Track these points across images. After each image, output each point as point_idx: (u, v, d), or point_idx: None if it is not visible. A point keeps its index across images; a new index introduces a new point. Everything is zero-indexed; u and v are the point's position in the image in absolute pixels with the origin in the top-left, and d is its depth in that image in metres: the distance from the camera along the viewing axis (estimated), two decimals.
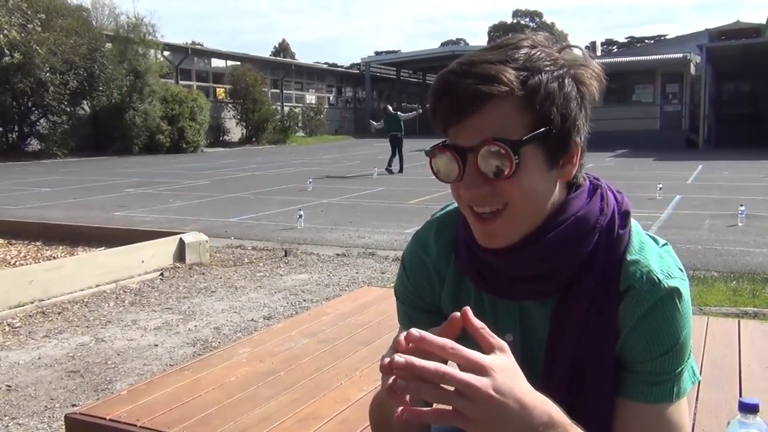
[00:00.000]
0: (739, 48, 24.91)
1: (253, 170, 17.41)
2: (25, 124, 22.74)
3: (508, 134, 0.86)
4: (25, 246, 6.69)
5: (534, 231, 0.93)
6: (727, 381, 1.91)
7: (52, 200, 11.36)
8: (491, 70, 0.86)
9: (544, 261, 0.94)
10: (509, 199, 0.89)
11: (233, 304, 4.95)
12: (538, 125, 0.87)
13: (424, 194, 11.13)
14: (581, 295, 0.94)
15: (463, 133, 0.88)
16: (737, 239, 7.13)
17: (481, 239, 0.94)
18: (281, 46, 71.42)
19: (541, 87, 0.86)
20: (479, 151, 0.86)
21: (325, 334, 2.41)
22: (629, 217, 0.98)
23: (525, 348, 1.02)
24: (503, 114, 0.86)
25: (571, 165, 0.93)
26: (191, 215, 9.56)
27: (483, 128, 0.86)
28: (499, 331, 1.03)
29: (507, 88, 0.85)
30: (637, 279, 0.92)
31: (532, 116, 0.87)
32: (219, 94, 32.59)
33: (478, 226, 0.92)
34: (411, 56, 44.00)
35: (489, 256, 0.97)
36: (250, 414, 1.74)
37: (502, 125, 0.86)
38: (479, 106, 0.86)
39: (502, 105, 0.86)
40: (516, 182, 0.87)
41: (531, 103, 0.86)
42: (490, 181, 0.87)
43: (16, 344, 4.09)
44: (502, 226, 0.91)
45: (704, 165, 17.10)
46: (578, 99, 0.90)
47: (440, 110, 0.89)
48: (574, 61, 0.91)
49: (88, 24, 23.02)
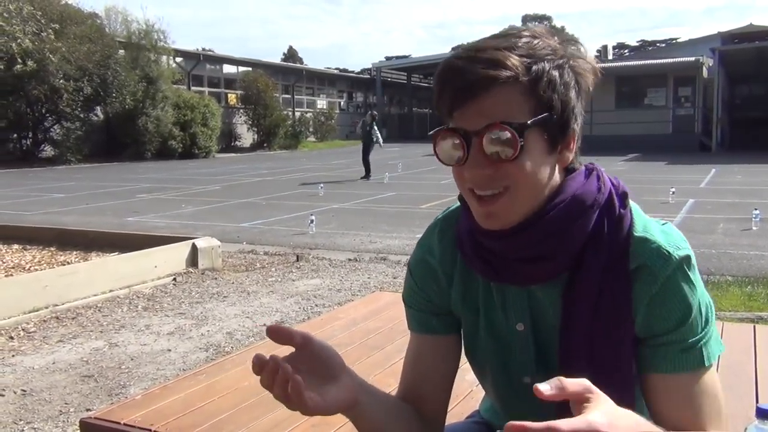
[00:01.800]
0: (752, 51, 24.75)
1: (264, 175, 17.47)
2: (39, 130, 22.96)
3: (512, 118, 0.88)
4: (40, 251, 6.75)
5: (534, 213, 0.94)
6: (743, 387, 1.89)
7: (66, 206, 11.46)
8: (498, 56, 0.88)
9: (546, 240, 0.95)
10: (511, 182, 0.91)
11: (246, 309, 4.97)
12: (541, 111, 0.89)
13: (435, 199, 11.12)
14: (589, 276, 0.95)
15: (468, 116, 0.90)
16: (752, 243, 7.07)
17: (482, 220, 0.95)
18: (289, 53, 71.69)
19: (544, 74, 0.89)
20: (485, 134, 0.88)
21: (337, 339, 2.41)
22: (627, 198, 0.99)
23: (537, 336, 1.03)
24: (508, 98, 0.88)
25: (569, 150, 0.96)
26: (203, 220, 9.60)
27: (488, 112, 0.88)
28: (509, 321, 1.04)
29: (513, 73, 0.87)
30: (648, 256, 0.94)
31: (535, 102, 0.89)
32: (230, 99, 32.75)
33: (479, 207, 0.94)
34: (422, 61, 44.03)
35: (492, 241, 0.98)
36: (263, 419, 1.74)
37: (506, 109, 0.88)
38: (486, 90, 0.88)
39: (507, 90, 0.88)
40: (519, 165, 0.89)
41: (534, 89, 0.89)
42: (494, 164, 0.89)
43: (31, 349, 4.12)
44: (503, 207, 0.92)
45: (717, 169, 16.99)
46: (576, 88, 0.93)
47: (446, 94, 0.91)
48: (573, 53, 0.94)
49: (102, 31, 23.22)
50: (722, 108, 25.36)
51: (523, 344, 1.05)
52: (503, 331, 1.06)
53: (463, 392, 1.82)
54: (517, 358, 1.06)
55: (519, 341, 1.05)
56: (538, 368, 1.04)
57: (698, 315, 0.95)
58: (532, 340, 1.04)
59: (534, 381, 1.03)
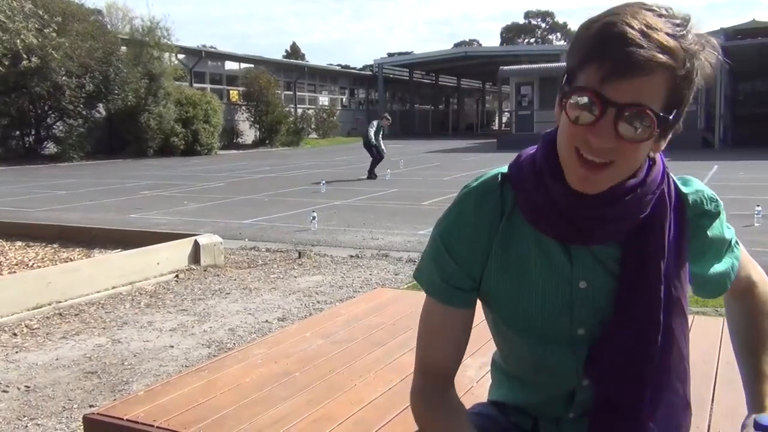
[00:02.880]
0: (755, 47, 24.65)
1: (266, 172, 17.48)
2: (42, 127, 22.96)
3: (653, 104, 0.91)
4: (43, 248, 6.76)
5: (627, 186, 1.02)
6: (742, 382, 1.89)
7: (69, 203, 11.47)
8: (671, 44, 0.90)
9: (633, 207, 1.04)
10: (618, 158, 0.95)
11: (248, 305, 4.98)
12: (673, 104, 0.94)
13: (437, 195, 11.12)
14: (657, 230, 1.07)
15: (618, 88, 0.91)
16: (754, 239, 7.06)
17: (577, 181, 0.99)
18: (292, 50, 71.66)
19: (693, 72, 0.93)
20: (627, 112, 0.91)
21: (339, 335, 2.42)
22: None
23: (595, 292, 1.09)
24: (658, 85, 0.91)
25: (664, 140, 1.01)
26: (205, 217, 9.61)
27: (638, 92, 0.91)
28: (573, 279, 1.09)
29: (675, 64, 0.90)
30: (703, 203, 1.13)
31: (673, 94, 0.93)
32: (233, 96, 32.73)
33: (581, 170, 0.97)
34: (424, 57, 43.97)
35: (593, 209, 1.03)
36: (264, 415, 1.75)
37: (652, 95, 0.91)
38: (648, 73, 0.89)
39: (662, 77, 0.90)
40: (636, 148, 0.95)
41: (681, 84, 0.92)
42: (619, 140, 0.93)
43: (34, 345, 4.14)
44: (602, 177, 0.98)
45: (720, 165, 16.95)
46: (695, 90, 0.97)
47: (608, 59, 0.91)
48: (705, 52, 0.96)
49: (104, 28, 23.21)
50: (725, 104, 25.29)
51: (583, 300, 1.10)
52: (561, 288, 1.10)
53: (465, 387, 1.83)
54: (577, 312, 1.11)
55: (580, 297, 1.10)
56: (594, 320, 1.11)
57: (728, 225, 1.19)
58: (591, 296, 1.09)
59: (588, 332, 1.12)
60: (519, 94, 28.75)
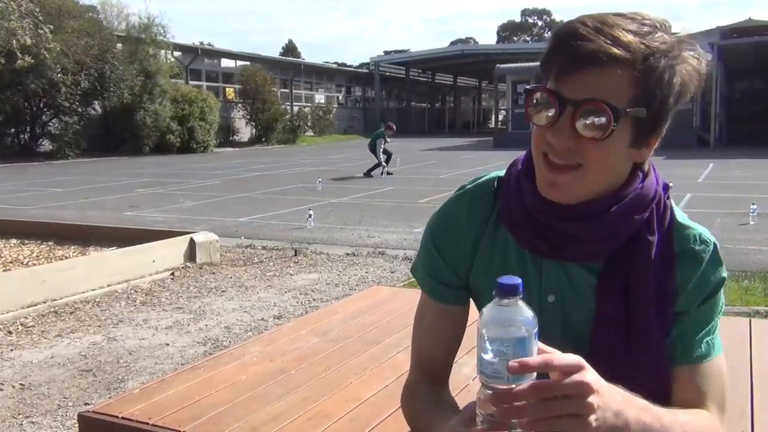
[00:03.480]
0: (751, 46, 24.70)
1: (262, 170, 17.46)
2: (37, 124, 22.88)
3: (613, 100, 0.88)
4: (38, 246, 6.74)
5: (601, 202, 0.97)
6: (738, 381, 1.90)
7: (64, 200, 11.45)
8: (623, 36, 0.88)
9: (609, 228, 0.98)
10: (586, 161, 0.92)
11: (243, 303, 4.98)
12: (640, 103, 0.90)
13: (433, 193, 11.12)
14: (640, 257, 0.99)
15: (573, 84, 0.90)
16: (749, 238, 7.08)
17: (544, 188, 0.96)
18: (288, 47, 71.57)
19: (658, 69, 0.89)
20: (583, 107, 0.89)
21: (335, 333, 2.42)
22: (669, 189, 1.06)
23: (566, 310, 1.05)
24: (616, 80, 0.89)
25: (648, 149, 0.98)
26: (201, 215, 9.60)
27: (593, 87, 0.89)
28: (542, 291, 1.06)
29: (631, 57, 0.88)
30: (693, 241, 1.02)
31: (639, 93, 0.90)
32: (229, 94, 32.67)
33: (547, 173, 0.95)
34: (420, 55, 43.97)
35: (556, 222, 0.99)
36: (260, 413, 1.75)
37: (611, 90, 0.89)
38: (599, 65, 0.88)
39: (618, 72, 0.88)
40: (600, 148, 0.91)
41: (643, 81, 0.89)
42: (579, 138, 0.90)
43: (29, 343, 4.13)
44: (571, 182, 0.94)
45: (715, 163, 17.01)
46: (677, 94, 0.93)
47: (559, 56, 0.91)
48: (687, 57, 0.93)
49: (99, 25, 23.13)
50: (721, 103, 25.34)
51: (552, 316, 1.06)
52: (534, 301, 1.07)
53: (461, 385, 1.83)
54: (546, 328, 1.07)
55: (548, 313, 1.06)
56: (566, 342, 1.05)
57: (722, 294, 1.03)
58: (560, 313, 1.06)
59: None
60: (515, 92, 28.78)
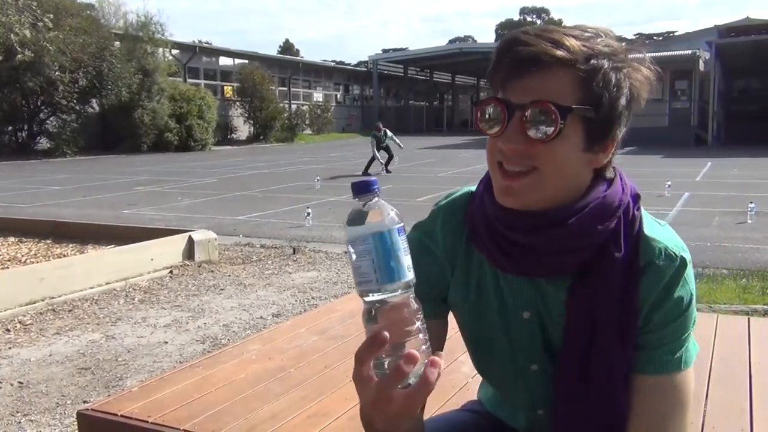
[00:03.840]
0: (748, 44, 24.74)
1: (260, 168, 17.44)
2: (35, 122, 22.85)
3: (559, 100, 0.89)
4: (36, 244, 6.73)
5: (560, 211, 0.95)
6: (736, 379, 1.91)
7: (62, 198, 11.43)
8: (563, 39, 0.89)
9: (570, 240, 0.96)
10: (539, 164, 0.92)
11: (242, 301, 4.97)
12: (587, 104, 0.90)
13: (432, 192, 11.12)
14: (606, 271, 0.97)
15: (518, 90, 0.91)
16: (747, 236, 7.09)
17: (500, 195, 0.96)
18: (285, 45, 71.48)
19: (601, 70, 0.90)
20: (529, 109, 0.89)
21: (334, 331, 2.42)
22: (640, 200, 1.03)
23: (543, 325, 1.05)
24: (560, 82, 0.89)
25: (604, 154, 0.97)
26: (200, 213, 9.59)
27: (538, 90, 0.89)
28: (516, 308, 1.05)
29: (572, 57, 0.89)
30: (657, 255, 0.97)
31: (585, 94, 0.90)
32: (227, 92, 32.63)
33: (502, 181, 0.95)
34: (419, 54, 43.88)
35: (519, 235, 0.98)
36: (260, 411, 1.75)
37: (556, 91, 0.89)
38: (541, 68, 0.89)
39: (561, 73, 0.89)
40: (551, 149, 0.90)
41: (587, 81, 0.90)
42: (529, 141, 0.90)
43: (28, 341, 4.12)
44: (525, 187, 0.93)
45: (713, 162, 17.02)
46: (628, 97, 0.94)
47: (503, 63, 0.92)
48: (635, 62, 0.95)
49: (97, 23, 23.09)
50: (719, 101, 25.38)
51: (530, 332, 1.06)
52: (511, 318, 1.07)
53: (460, 383, 1.83)
54: (525, 345, 1.07)
55: (526, 329, 1.06)
56: (546, 356, 1.06)
57: (691, 312, 0.99)
58: (538, 329, 1.05)
59: (541, 368, 1.06)
60: None
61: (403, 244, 0.78)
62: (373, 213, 0.78)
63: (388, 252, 0.76)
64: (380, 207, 0.78)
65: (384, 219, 0.77)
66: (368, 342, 0.77)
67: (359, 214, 0.78)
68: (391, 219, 0.77)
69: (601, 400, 0.98)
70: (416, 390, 0.77)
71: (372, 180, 0.79)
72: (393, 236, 0.77)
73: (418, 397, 0.78)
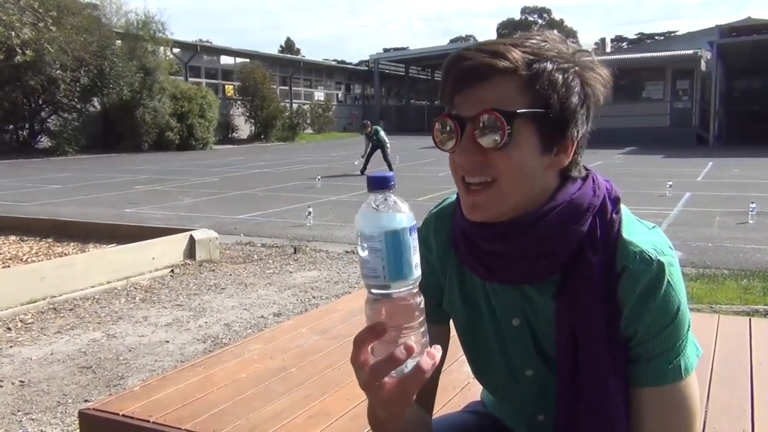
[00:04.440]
0: (750, 44, 24.72)
1: (261, 167, 17.45)
2: (36, 121, 22.87)
3: (506, 107, 0.90)
4: (37, 243, 6.74)
5: (529, 214, 0.95)
6: (738, 379, 1.91)
7: (63, 197, 11.43)
8: (500, 48, 0.91)
9: (542, 243, 0.96)
10: (498, 173, 0.92)
11: (243, 301, 4.98)
12: (536, 107, 0.91)
13: (433, 191, 11.12)
14: (585, 274, 0.96)
15: (465, 103, 0.92)
16: (748, 237, 7.09)
17: (467, 211, 0.97)
18: (286, 45, 71.44)
19: (545, 73, 0.91)
20: (477, 119, 0.90)
21: (335, 330, 2.42)
22: (620, 203, 1.02)
23: (533, 331, 1.05)
24: (505, 90, 0.91)
25: (565, 155, 0.96)
26: (201, 212, 9.59)
27: (484, 100, 0.91)
28: (504, 316, 1.05)
29: (511, 65, 0.90)
30: (631, 259, 0.95)
31: (532, 98, 0.91)
32: (228, 91, 32.64)
33: (466, 197, 0.96)
34: (420, 53, 43.89)
35: (488, 243, 0.99)
36: (261, 410, 1.75)
37: (502, 100, 0.90)
38: (484, 79, 0.90)
39: (505, 81, 0.90)
40: (506, 156, 0.91)
41: (532, 85, 0.90)
42: (483, 151, 0.91)
43: (29, 340, 4.12)
44: (488, 199, 0.94)
45: (714, 162, 17.01)
46: (581, 96, 0.94)
47: (449, 80, 0.94)
48: (583, 62, 0.95)
49: (98, 22, 23.09)
50: (720, 101, 25.36)
51: (520, 339, 1.06)
52: (501, 325, 1.07)
53: (461, 383, 1.83)
54: (518, 351, 1.07)
55: (516, 336, 1.06)
56: (539, 362, 1.05)
57: (680, 321, 0.96)
58: (529, 335, 1.05)
59: (536, 374, 1.05)
60: None
61: (414, 242, 0.79)
62: (388, 210, 0.78)
63: (399, 251, 0.77)
64: (395, 204, 0.79)
65: (398, 217, 0.77)
66: (367, 329, 0.80)
67: (373, 210, 0.78)
68: (406, 217, 0.78)
69: (597, 406, 0.97)
70: (409, 377, 0.79)
71: (389, 175, 0.79)
72: (405, 235, 0.77)
73: (410, 384, 0.80)
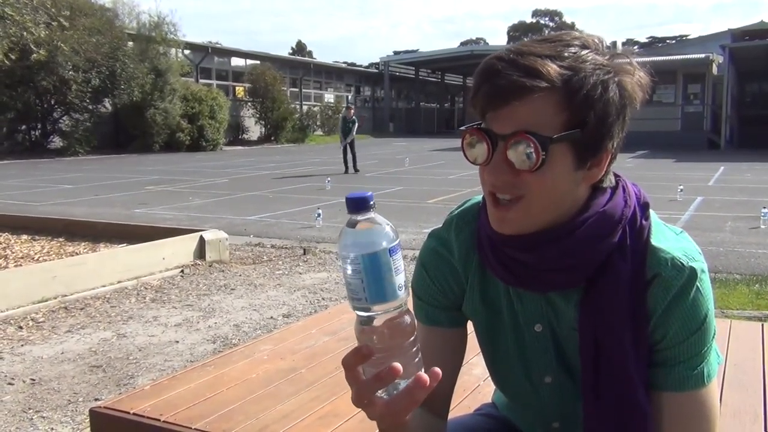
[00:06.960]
0: (762, 48, 24.59)
1: (271, 169, 17.49)
2: (48, 121, 23.03)
3: (541, 129, 0.87)
4: (49, 242, 6.78)
5: (560, 226, 0.94)
6: (750, 385, 1.89)
7: (75, 197, 11.50)
8: (536, 64, 0.86)
9: (573, 255, 0.94)
10: (528, 191, 0.90)
11: (253, 301, 4.99)
12: (573, 125, 0.88)
13: (442, 194, 11.12)
14: (614, 282, 0.95)
15: (499, 120, 0.89)
16: (760, 242, 7.04)
17: (495, 224, 0.95)
18: (298, 47, 71.64)
19: (583, 88, 0.87)
20: (510, 141, 0.88)
21: (345, 332, 2.42)
22: (649, 208, 1.00)
23: (555, 338, 1.03)
24: (540, 108, 0.87)
25: (599, 169, 0.94)
26: (211, 213, 9.63)
27: (519, 119, 0.87)
28: (527, 321, 1.04)
29: (548, 85, 0.86)
30: (663, 266, 0.94)
31: (569, 115, 0.87)
32: (238, 92, 32.75)
33: (494, 211, 0.94)
34: (430, 56, 43.93)
35: (517, 252, 0.97)
36: (271, 411, 1.75)
37: (537, 119, 0.87)
38: (518, 98, 0.87)
39: (541, 99, 0.86)
40: (539, 177, 0.89)
41: (569, 103, 0.87)
42: (515, 171, 0.89)
43: (40, 339, 4.15)
44: (516, 215, 0.92)
45: (726, 166, 16.91)
46: (618, 106, 0.90)
47: (481, 94, 0.90)
48: (621, 67, 0.91)
49: (110, 23, 23.23)
50: (732, 105, 25.22)
51: (542, 345, 1.05)
52: (523, 330, 1.06)
53: (471, 386, 1.83)
54: (539, 357, 1.06)
55: (538, 342, 1.05)
56: (560, 369, 1.04)
57: (707, 327, 0.95)
58: (551, 341, 1.04)
59: (555, 381, 1.05)
60: None
61: (396, 263, 0.77)
62: (365, 232, 0.76)
63: (379, 273, 0.75)
64: (373, 226, 0.76)
65: (376, 239, 0.75)
66: (353, 352, 0.79)
67: (351, 232, 0.76)
68: (385, 238, 0.76)
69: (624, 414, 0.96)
70: (397, 399, 0.78)
71: (367, 195, 0.76)
72: (384, 257, 0.75)
73: (398, 406, 0.79)
